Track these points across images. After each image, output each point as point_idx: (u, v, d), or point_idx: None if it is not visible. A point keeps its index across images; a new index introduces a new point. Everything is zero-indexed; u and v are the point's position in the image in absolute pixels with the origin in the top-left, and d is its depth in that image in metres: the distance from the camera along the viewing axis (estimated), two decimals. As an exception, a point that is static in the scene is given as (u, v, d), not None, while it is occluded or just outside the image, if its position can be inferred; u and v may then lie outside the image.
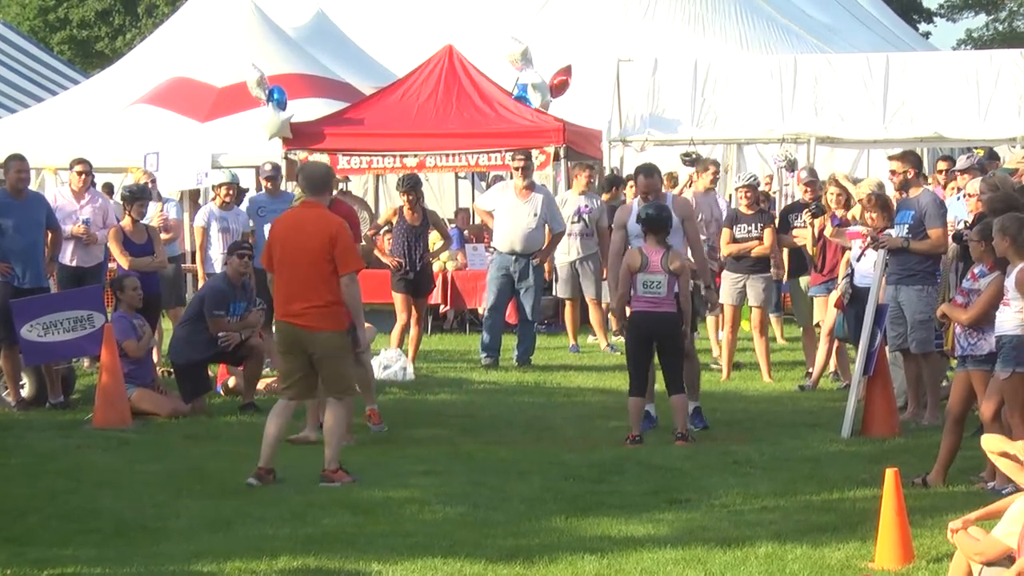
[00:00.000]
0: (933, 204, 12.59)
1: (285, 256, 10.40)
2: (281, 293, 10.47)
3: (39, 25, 50.30)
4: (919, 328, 12.39)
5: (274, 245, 10.55)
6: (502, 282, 16.54)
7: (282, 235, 10.52)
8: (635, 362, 12.10)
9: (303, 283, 10.33)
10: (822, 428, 12.47)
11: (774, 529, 8.91)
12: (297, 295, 10.34)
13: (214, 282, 14.28)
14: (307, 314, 10.31)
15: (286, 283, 10.41)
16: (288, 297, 10.40)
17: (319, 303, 10.32)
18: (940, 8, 57.14)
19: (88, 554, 8.40)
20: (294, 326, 10.39)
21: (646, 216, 12.05)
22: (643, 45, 27.75)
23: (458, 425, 12.76)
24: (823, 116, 21.72)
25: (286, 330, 10.48)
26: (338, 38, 26.79)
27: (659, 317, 11.92)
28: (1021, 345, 9.52)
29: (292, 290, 10.37)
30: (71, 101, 24.50)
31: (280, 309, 10.49)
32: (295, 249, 10.36)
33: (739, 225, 15.54)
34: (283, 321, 10.47)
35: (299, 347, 10.43)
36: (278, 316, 10.55)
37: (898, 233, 12.45)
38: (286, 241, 10.44)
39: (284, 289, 10.43)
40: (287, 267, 10.39)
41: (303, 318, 10.33)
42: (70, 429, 12.62)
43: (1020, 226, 9.56)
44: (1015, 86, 21.49)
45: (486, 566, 8.12)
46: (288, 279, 10.39)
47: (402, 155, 19.50)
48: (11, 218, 13.64)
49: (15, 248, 13.63)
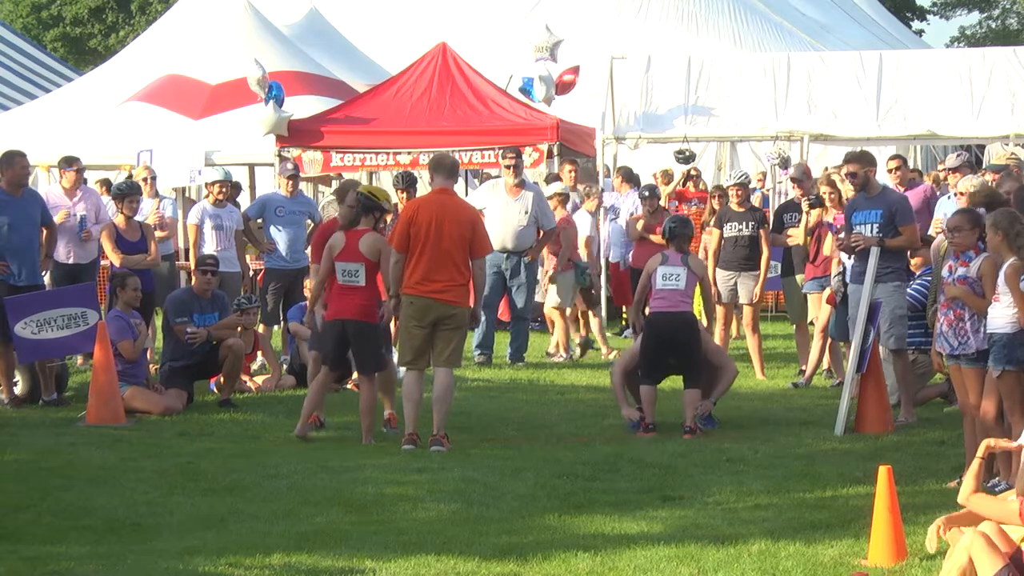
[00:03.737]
0: (902, 201, 12.71)
1: (431, 237, 11.45)
2: (420, 270, 11.48)
3: (32, 22, 50.28)
4: (897, 324, 12.44)
5: (418, 226, 11.48)
6: (494, 280, 16.55)
7: (428, 218, 11.51)
8: (651, 361, 12.39)
9: (447, 262, 11.50)
10: (815, 425, 12.49)
11: (767, 526, 8.92)
12: (440, 272, 11.49)
13: (176, 292, 14.61)
14: (450, 290, 11.53)
15: (428, 261, 11.47)
16: (429, 274, 11.48)
17: (461, 281, 11.62)
18: (933, 6, 57.20)
19: (81, 551, 8.39)
20: (436, 301, 11.50)
21: (670, 228, 12.82)
22: (636, 43, 27.75)
23: (451, 422, 12.72)
24: (816, 114, 21.69)
25: (425, 304, 11.51)
26: (332, 35, 26.76)
27: (676, 317, 12.32)
28: (1012, 343, 9.52)
29: (434, 267, 11.49)
30: (64, 99, 24.45)
31: (418, 285, 11.49)
32: (442, 231, 11.47)
33: (730, 223, 15.58)
34: (422, 296, 11.49)
35: (430, 320, 11.51)
36: (416, 292, 11.48)
37: (864, 232, 12.47)
38: (431, 224, 11.48)
39: (426, 266, 11.47)
40: (431, 246, 11.46)
41: (447, 294, 11.52)
42: (63, 426, 12.62)
43: (1012, 221, 9.57)
44: (1008, 84, 21.47)
45: (479, 563, 8.11)
46: (431, 257, 11.47)
47: (395, 152, 19.49)
48: (8, 215, 13.63)
49: (12, 245, 13.63)
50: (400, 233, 11.63)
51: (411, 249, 11.56)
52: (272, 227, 16.05)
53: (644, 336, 12.53)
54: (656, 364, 12.42)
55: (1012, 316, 9.50)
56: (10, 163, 13.84)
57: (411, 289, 11.56)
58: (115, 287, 13.93)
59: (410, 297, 11.56)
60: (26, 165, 14.07)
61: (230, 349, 13.75)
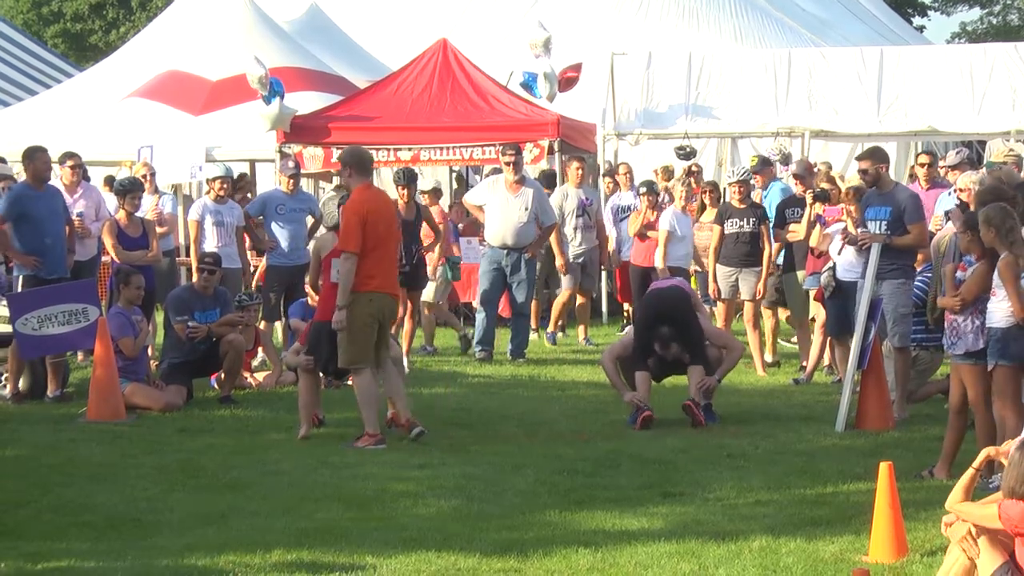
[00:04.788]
0: (911, 199, 12.67)
1: (385, 233, 11.51)
2: (381, 267, 11.49)
3: (32, 18, 50.26)
4: (900, 322, 12.44)
5: (377, 224, 11.44)
6: (494, 276, 16.55)
7: (384, 214, 11.60)
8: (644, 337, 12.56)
9: (394, 257, 11.77)
10: (816, 422, 12.48)
11: (768, 522, 8.92)
12: (392, 268, 11.72)
13: (177, 290, 14.62)
14: (396, 284, 11.86)
15: (386, 257, 11.56)
16: (389, 270, 11.62)
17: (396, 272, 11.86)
18: (934, 2, 57.11)
19: (81, 547, 8.39)
20: (394, 297, 11.70)
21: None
22: (637, 39, 27.70)
23: (452, 419, 12.76)
24: (817, 110, 21.71)
25: (386, 302, 11.56)
26: (332, 31, 26.75)
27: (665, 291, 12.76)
28: (1006, 337, 9.55)
29: (389, 264, 11.64)
30: (65, 95, 24.44)
31: (382, 282, 11.50)
32: (390, 227, 11.62)
33: (731, 219, 15.58)
34: (385, 293, 11.52)
35: (382, 316, 11.55)
36: (381, 289, 11.47)
37: (874, 229, 12.46)
38: (383, 219, 11.54)
39: (384, 263, 11.55)
40: (385, 243, 11.53)
41: (395, 289, 11.77)
42: (64, 423, 12.62)
43: (1004, 216, 9.59)
44: (1009, 80, 21.48)
45: (480, 559, 8.11)
46: (386, 253, 11.56)
47: (396, 148, 19.46)
48: (36, 209, 13.79)
49: (43, 238, 13.76)
50: (356, 234, 11.39)
51: (368, 248, 11.38)
52: (273, 224, 16.04)
53: (636, 315, 12.67)
54: (649, 338, 12.41)
55: (1007, 310, 9.52)
56: (32, 158, 14.01)
57: (376, 287, 11.44)
58: (118, 283, 13.93)
59: (372, 295, 11.43)
60: (48, 160, 14.18)
61: (231, 345, 13.75)
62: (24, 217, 13.79)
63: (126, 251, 14.57)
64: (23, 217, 13.80)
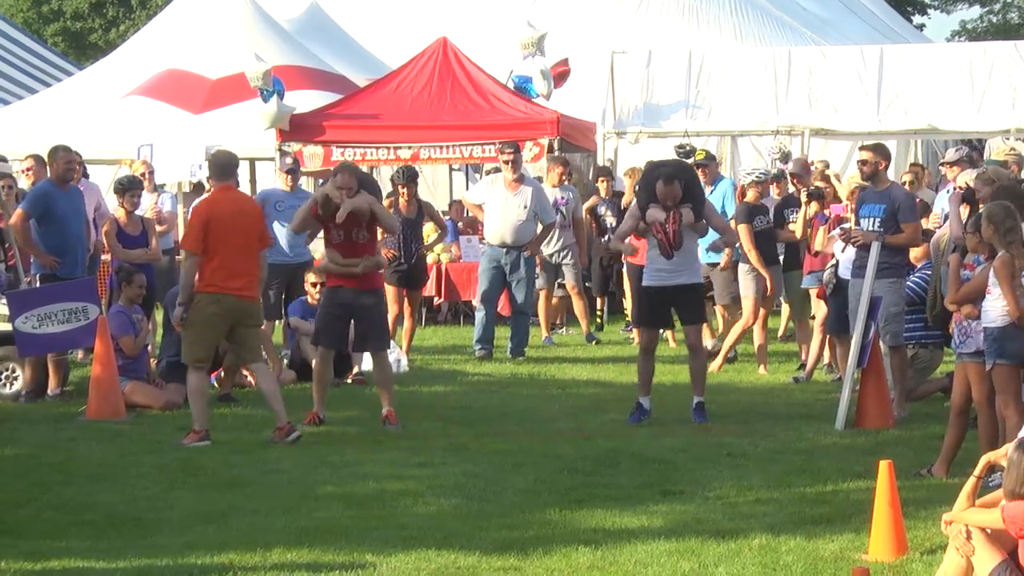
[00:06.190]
0: (906, 198, 12.68)
1: (231, 236, 11.48)
2: (228, 269, 11.48)
3: (32, 17, 50.19)
4: (893, 321, 12.43)
5: (222, 227, 11.50)
6: (494, 274, 16.55)
7: (220, 216, 11.56)
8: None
9: (247, 261, 11.59)
10: (816, 420, 12.48)
11: (768, 521, 8.92)
12: (245, 272, 11.56)
13: (176, 289, 14.48)
14: (250, 286, 11.68)
15: (234, 261, 11.51)
16: (238, 273, 11.51)
17: (256, 275, 11.76)
18: (934, 0, 57.10)
19: (81, 546, 8.39)
20: (239, 298, 11.55)
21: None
22: (637, 37, 27.69)
23: (452, 417, 12.77)
24: (817, 108, 21.73)
25: (234, 303, 11.55)
26: (332, 30, 26.74)
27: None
28: (1003, 336, 9.55)
29: (241, 267, 11.54)
30: (65, 93, 24.44)
31: (228, 284, 11.50)
32: (240, 230, 11.53)
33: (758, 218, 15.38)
34: (231, 294, 11.52)
35: (232, 318, 11.58)
36: (227, 291, 11.53)
37: (867, 226, 12.45)
38: (230, 223, 11.53)
39: (233, 266, 11.50)
40: (233, 246, 11.49)
41: (248, 290, 11.64)
42: (64, 421, 12.62)
43: (1006, 214, 9.59)
44: (1009, 78, 21.50)
45: (480, 558, 8.11)
46: (235, 257, 11.51)
47: (396, 147, 19.47)
48: (60, 208, 13.85)
49: (67, 237, 13.85)
50: (194, 234, 11.67)
51: (212, 250, 11.53)
52: (273, 222, 16.03)
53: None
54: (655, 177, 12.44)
55: (1003, 309, 9.52)
56: (55, 157, 14.11)
57: (214, 287, 11.55)
58: (120, 282, 13.94)
59: (217, 296, 11.55)
60: (70, 159, 14.25)
61: (229, 344, 13.71)
62: (48, 215, 13.84)
63: (125, 249, 14.58)
64: (47, 215, 13.84)
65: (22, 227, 13.88)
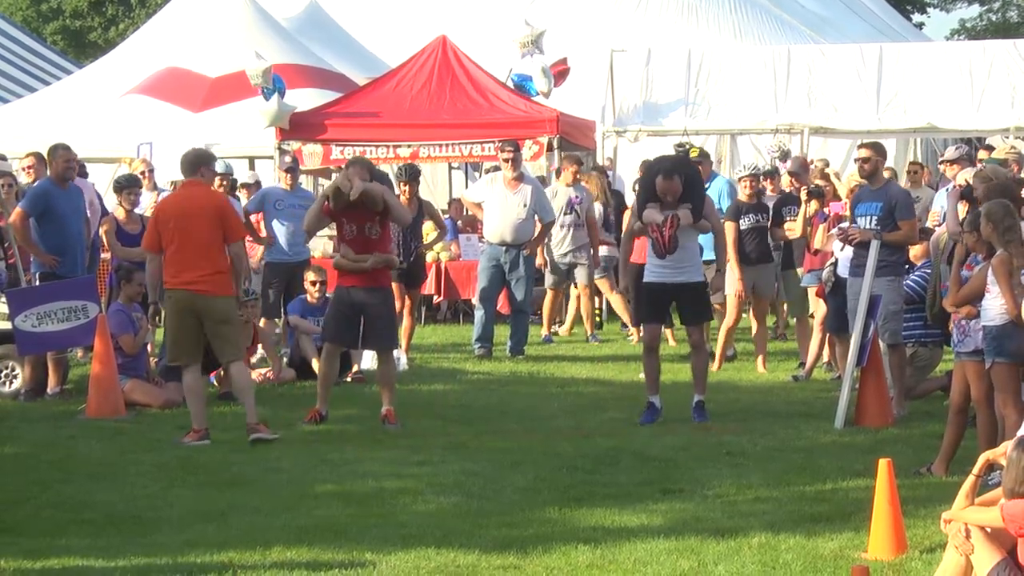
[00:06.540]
0: (903, 196, 12.69)
1: (176, 232, 11.44)
2: (179, 264, 11.46)
3: (32, 15, 50.23)
4: (892, 319, 12.44)
5: (167, 223, 11.51)
6: (493, 273, 16.54)
7: (175, 213, 11.57)
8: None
9: (197, 252, 11.45)
10: (815, 419, 12.48)
11: (767, 519, 8.92)
12: (192, 264, 11.43)
13: None
14: (205, 280, 11.47)
15: (184, 256, 11.44)
16: (183, 266, 11.44)
17: (217, 270, 11.53)
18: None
19: (81, 544, 8.39)
20: (192, 292, 11.45)
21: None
22: (636, 35, 27.74)
23: (451, 415, 12.77)
24: (817, 107, 21.75)
25: (188, 297, 11.48)
26: (331, 28, 26.76)
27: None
28: (1002, 334, 9.55)
29: (192, 261, 11.44)
30: (64, 92, 24.47)
31: (180, 279, 11.46)
32: (189, 222, 11.44)
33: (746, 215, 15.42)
34: (185, 290, 11.45)
35: (195, 314, 11.50)
36: (180, 286, 11.47)
37: (864, 224, 12.45)
38: (174, 218, 11.51)
39: (184, 261, 11.44)
40: (179, 241, 11.43)
41: (202, 284, 11.46)
42: (63, 419, 12.62)
43: (1005, 213, 9.59)
44: (1008, 77, 21.52)
45: (480, 556, 8.11)
46: (184, 252, 11.44)
47: (395, 145, 19.48)
48: (60, 207, 13.85)
49: (66, 236, 13.84)
50: (148, 234, 11.79)
51: (164, 248, 11.56)
52: (272, 220, 16.04)
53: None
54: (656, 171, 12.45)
55: (1001, 308, 9.53)
56: (54, 156, 14.13)
57: (167, 283, 11.60)
58: (120, 280, 13.95)
59: (172, 292, 11.59)
60: (70, 158, 14.23)
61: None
62: (47, 214, 13.84)
63: (125, 247, 14.58)
64: (46, 214, 13.84)
65: (22, 226, 13.88)
